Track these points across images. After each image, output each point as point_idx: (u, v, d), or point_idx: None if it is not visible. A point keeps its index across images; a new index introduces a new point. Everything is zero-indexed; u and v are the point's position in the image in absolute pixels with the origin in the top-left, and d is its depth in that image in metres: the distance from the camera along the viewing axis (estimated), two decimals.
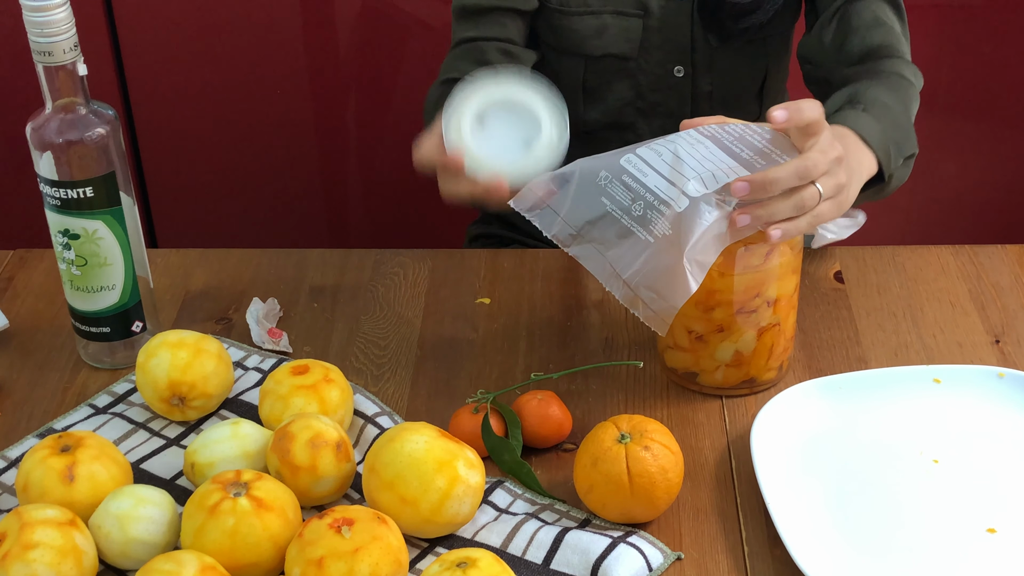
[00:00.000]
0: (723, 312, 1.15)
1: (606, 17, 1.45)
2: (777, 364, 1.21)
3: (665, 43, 1.46)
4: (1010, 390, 1.18)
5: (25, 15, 1.11)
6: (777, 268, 1.14)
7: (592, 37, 1.46)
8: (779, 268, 1.14)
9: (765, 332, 1.17)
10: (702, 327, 1.17)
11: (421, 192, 2.18)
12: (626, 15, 1.44)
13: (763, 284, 1.14)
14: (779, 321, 1.17)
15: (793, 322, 1.21)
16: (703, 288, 1.10)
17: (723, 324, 1.16)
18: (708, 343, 1.17)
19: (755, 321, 1.16)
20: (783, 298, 1.16)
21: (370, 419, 1.17)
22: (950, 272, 1.38)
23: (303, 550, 0.96)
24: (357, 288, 1.38)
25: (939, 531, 1.05)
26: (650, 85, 1.48)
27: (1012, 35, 2.05)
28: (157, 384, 1.16)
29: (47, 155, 1.16)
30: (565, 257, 1.41)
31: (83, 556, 0.98)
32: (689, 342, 1.18)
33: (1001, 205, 2.20)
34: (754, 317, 1.16)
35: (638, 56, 1.47)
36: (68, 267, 1.21)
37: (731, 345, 1.17)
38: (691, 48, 1.47)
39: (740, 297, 1.14)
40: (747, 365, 1.19)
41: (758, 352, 1.18)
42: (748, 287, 1.14)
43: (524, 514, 1.07)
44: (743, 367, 1.19)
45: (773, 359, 1.20)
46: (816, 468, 1.11)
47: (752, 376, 1.20)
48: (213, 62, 2.06)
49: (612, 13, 1.44)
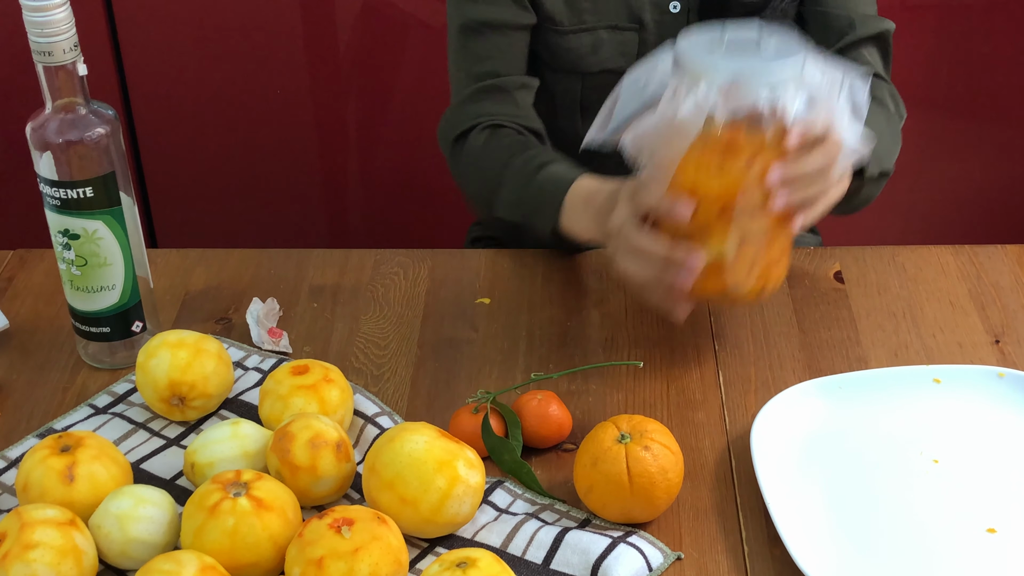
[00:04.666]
0: (706, 213, 1.12)
1: (601, 33, 1.44)
2: (759, 280, 1.16)
3: None
4: (1010, 390, 1.18)
5: (25, 15, 1.11)
6: (761, 175, 1.11)
7: (588, 54, 1.45)
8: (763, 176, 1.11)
9: (747, 240, 1.14)
10: (686, 228, 1.13)
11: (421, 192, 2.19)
12: (621, 30, 1.44)
13: (747, 188, 1.11)
14: (764, 232, 1.14)
15: (786, 238, 1.16)
16: (685, 186, 1.12)
17: (706, 225, 1.13)
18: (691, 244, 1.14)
19: (737, 227, 1.13)
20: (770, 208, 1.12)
21: (370, 419, 1.17)
22: (950, 272, 1.38)
23: (303, 550, 0.96)
24: (357, 288, 1.38)
25: (939, 531, 1.05)
26: None
27: (1012, 35, 2.05)
28: (157, 384, 1.16)
29: (47, 155, 1.16)
30: (565, 257, 1.42)
31: (83, 556, 0.98)
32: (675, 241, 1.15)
33: (1001, 205, 2.20)
34: (736, 223, 1.12)
35: None
36: (68, 267, 1.21)
37: (712, 249, 1.14)
38: None
39: (722, 198, 1.11)
40: (726, 273, 1.15)
41: (739, 261, 1.14)
42: (731, 188, 1.11)
43: (524, 514, 1.07)
44: (722, 275, 1.15)
45: (754, 273, 1.15)
46: (816, 468, 1.11)
47: (731, 286, 1.15)
48: (213, 62, 2.06)
49: (607, 28, 1.44)
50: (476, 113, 1.43)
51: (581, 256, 1.42)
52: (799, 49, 1.11)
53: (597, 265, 1.41)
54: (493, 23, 1.43)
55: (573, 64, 1.47)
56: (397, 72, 2.08)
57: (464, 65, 1.46)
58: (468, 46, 1.45)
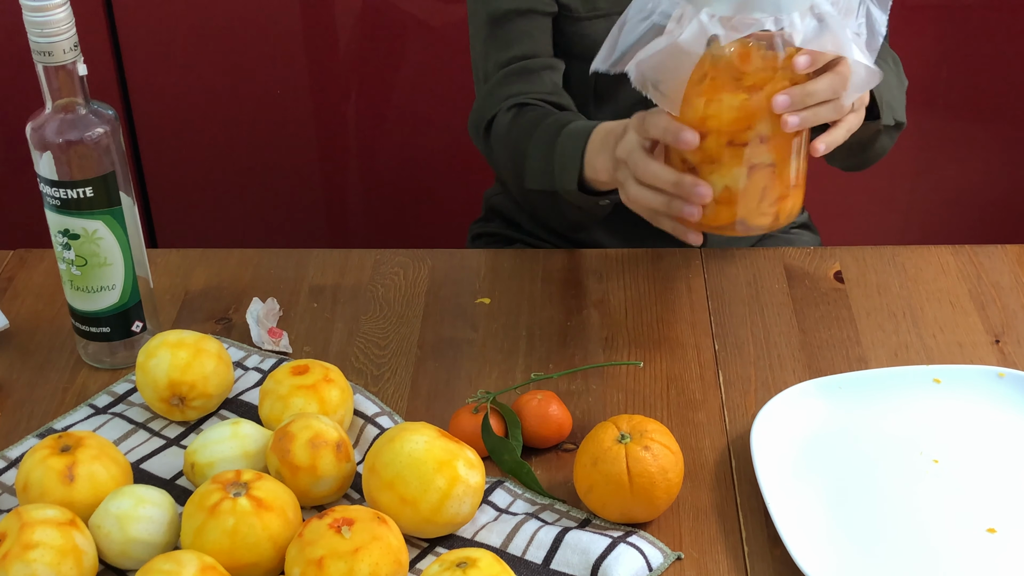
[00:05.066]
0: (714, 142, 1.10)
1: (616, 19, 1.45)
2: (771, 211, 1.14)
3: None
4: (1010, 390, 1.18)
5: (25, 15, 1.11)
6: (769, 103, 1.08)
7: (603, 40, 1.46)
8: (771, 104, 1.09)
9: (756, 170, 1.11)
10: (695, 156, 1.12)
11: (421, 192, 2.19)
12: None
13: (755, 116, 1.09)
14: (774, 162, 1.12)
15: (797, 168, 1.14)
16: (694, 114, 1.10)
17: (714, 155, 1.11)
18: (700, 175, 1.12)
19: (746, 156, 1.11)
20: (779, 137, 1.11)
21: (370, 419, 1.17)
22: (950, 272, 1.38)
23: (303, 550, 0.96)
24: (357, 288, 1.38)
25: (939, 531, 1.05)
26: None
27: (1012, 35, 2.05)
28: (157, 384, 1.16)
29: (47, 155, 1.16)
30: (565, 257, 1.42)
31: (83, 556, 0.98)
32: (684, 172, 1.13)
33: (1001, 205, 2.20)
34: (746, 152, 1.10)
35: None
36: (68, 267, 1.21)
37: (720, 180, 1.12)
38: None
39: (730, 127, 1.10)
40: (737, 204, 1.13)
41: (748, 191, 1.12)
42: (738, 117, 1.09)
43: (524, 514, 1.07)
44: (733, 206, 1.13)
45: (766, 203, 1.13)
46: (816, 468, 1.11)
47: (742, 217, 1.13)
48: (213, 62, 2.06)
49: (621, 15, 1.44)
50: (504, 95, 1.43)
51: (581, 256, 1.42)
52: None
53: (597, 265, 1.41)
54: (519, 9, 1.44)
55: (588, 51, 1.46)
56: (397, 72, 2.08)
57: (492, 55, 1.46)
58: (495, 35, 1.45)
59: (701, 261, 1.41)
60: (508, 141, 1.40)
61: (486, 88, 1.47)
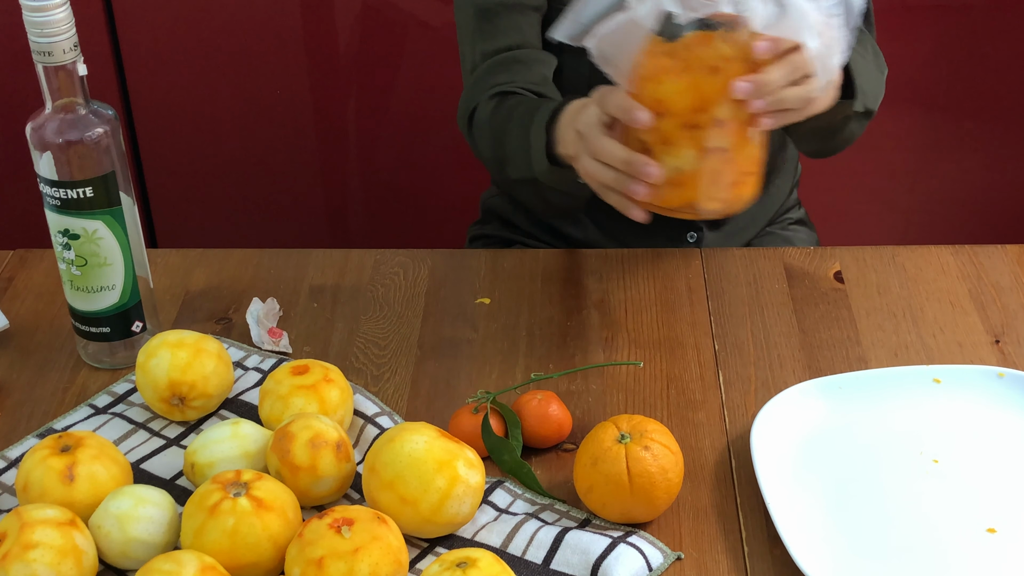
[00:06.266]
0: (669, 123, 1.09)
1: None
2: (723, 196, 1.12)
3: None
4: (1010, 390, 1.18)
5: (25, 15, 1.11)
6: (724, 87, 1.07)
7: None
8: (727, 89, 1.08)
9: (710, 154, 1.10)
10: (649, 136, 1.11)
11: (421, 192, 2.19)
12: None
13: (710, 100, 1.08)
14: (727, 147, 1.10)
15: (751, 155, 1.12)
16: (651, 94, 1.09)
17: (668, 136, 1.10)
18: (653, 155, 1.11)
19: (699, 139, 1.09)
20: (735, 123, 1.09)
21: (370, 419, 1.17)
22: (950, 272, 1.38)
23: (303, 550, 0.96)
24: (357, 288, 1.38)
25: (939, 531, 1.05)
26: None
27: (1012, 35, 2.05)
28: (157, 384, 1.16)
29: (47, 155, 1.16)
30: (565, 257, 1.42)
31: (83, 556, 0.98)
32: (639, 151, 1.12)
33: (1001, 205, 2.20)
34: (698, 135, 1.09)
35: None
36: (68, 267, 1.21)
37: (672, 161, 1.10)
38: None
39: (684, 109, 1.09)
40: (688, 187, 1.11)
41: (699, 174, 1.11)
42: (693, 99, 1.08)
43: (524, 514, 1.07)
44: (684, 188, 1.11)
45: (717, 187, 1.12)
46: (816, 468, 1.11)
47: (692, 201, 1.12)
48: (213, 62, 2.06)
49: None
50: (490, 84, 1.42)
51: (581, 256, 1.42)
52: None
53: (597, 265, 1.41)
54: (507, 3, 1.43)
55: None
56: (397, 72, 2.08)
57: (479, 46, 1.45)
58: (482, 28, 1.45)
59: (701, 261, 1.41)
60: (488, 130, 1.40)
61: (472, 78, 1.46)
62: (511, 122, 1.35)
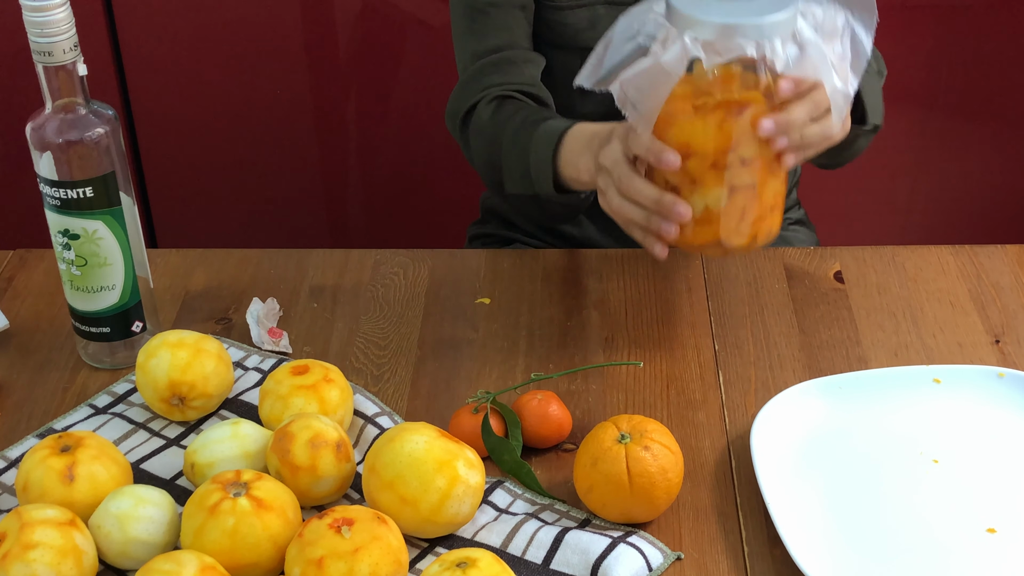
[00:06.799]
0: (697, 164, 1.13)
1: (598, 8, 1.46)
2: (749, 231, 1.16)
3: None
4: (1010, 390, 1.18)
5: (25, 15, 1.11)
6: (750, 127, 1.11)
7: (585, 29, 1.46)
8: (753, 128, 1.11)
9: (737, 192, 1.14)
10: (677, 176, 1.14)
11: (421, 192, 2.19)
12: (618, 4, 1.45)
13: (736, 140, 1.11)
14: (754, 183, 1.14)
15: (776, 190, 1.16)
16: (678, 136, 1.12)
17: (696, 176, 1.13)
18: (681, 194, 1.14)
19: (727, 178, 1.13)
20: (760, 160, 1.13)
21: (370, 419, 1.17)
22: (950, 272, 1.38)
23: (303, 550, 0.96)
24: (357, 288, 1.38)
25: (939, 531, 1.05)
26: None
27: (1012, 35, 2.05)
28: (157, 384, 1.16)
29: (47, 155, 1.16)
30: (565, 257, 1.42)
31: (83, 556, 0.98)
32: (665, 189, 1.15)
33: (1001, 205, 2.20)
34: (727, 174, 1.13)
35: None
36: (68, 267, 1.21)
37: (700, 200, 1.14)
38: None
39: (712, 149, 1.12)
40: (716, 224, 1.15)
41: (728, 212, 1.14)
42: (720, 140, 1.11)
43: (524, 514, 1.07)
44: (712, 225, 1.15)
45: (744, 223, 1.15)
46: (816, 468, 1.11)
47: (720, 237, 1.16)
48: (213, 62, 2.06)
49: (604, 4, 1.45)
50: (482, 86, 1.43)
51: (581, 256, 1.42)
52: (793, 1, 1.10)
53: (597, 265, 1.41)
54: (496, 2, 1.44)
55: (571, 40, 1.47)
56: (397, 72, 2.08)
57: (470, 45, 1.46)
58: (472, 27, 1.46)
59: (701, 261, 1.41)
60: (486, 138, 1.40)
61: (463, 78, 1.47)
62: (506, 139, 1.36)
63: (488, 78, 1.44)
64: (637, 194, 1.15)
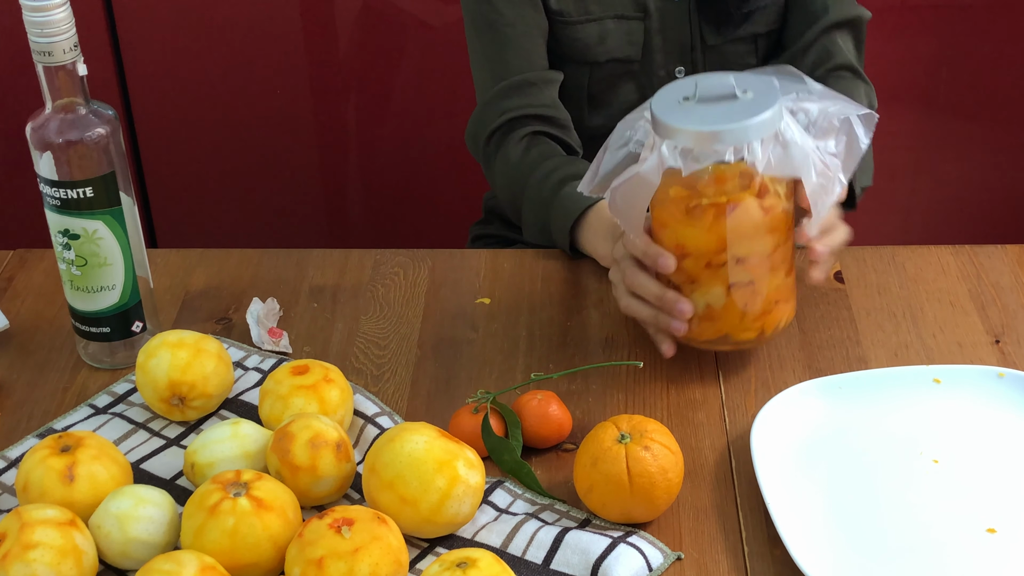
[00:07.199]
0: (693, 263, 1.16)
1: (608, 23, 1.47)
2: (756, 325, 1.19)
3: (666, 44, 1.48)
4: (1010, 390, 1.18)
5: (25, 15, 1.11)
6: (744, 227, 1.13)
7: (596, 44, 1.47)
8: (747, 227, 1.13)
9: (735, 289, 1.16)
10: (676, 276, 1.17)
11: (421, 192, 2.19)
12: (627, 19, 1.46)
13: (728, 240, 1.13)
14: (752, 280, 1.16)
15: (778, 285, 1.18)
16: (672, 238, 1.16)
17: (693, 275, 1.17)
18: (683, 292, 1.18)
19: (723, 277, 1.16)
20: (755, 257, 1.15)
21: (370, 419, 1.17)
22: (950, 272, 1.38)
23: (303, 550, 0.96)
24: (357, 288, 1.38)
25: (939, 531, 1.05)
26: (654, 87, 1.50)
27: (1012, 35, 2.05)
28: (157, 384, 1.16)
29: (47, 155, 1.16)
30: (565, 257, 1.42)
31: (83, 556, 0.98)
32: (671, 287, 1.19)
33: (1001, 205, 2.20)
34: (722, 272, 1.15)
35: (641, 58, 1.49)
36: (68, 267, 1.21)
37: (701, 298, 1.17)
38: (690, 47, 1.49)
39: (705, 250, 1.15)
40: (719, 320, 1.18)
41: (728, 309, 1.17)
42: (712, 240, 1.14)
43: (524, 514, 1.07)
44: (716, 322, 1.18)
45: (749, 319, 1.18)
46: (816, 467, 1.11)
47: (726, 333, 1.19)
48: (213, 62, 2.06)
49: (613, 18, 1.46)
50: (504, 108, 1.46)
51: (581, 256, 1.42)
52: (775, 101, 1.12)
53: (597, 265, 1.41)
54: (510, 23, 1.45)
55: (581, 54, 1.48)
56: (397, 72, 2.08)
57: (487, 65, 1.48)
58: (491, 47, 1.47)
59: None
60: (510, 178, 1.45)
61: (482, 101, 1.48)
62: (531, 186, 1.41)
63: (508, 101, 1.47)
64: (642, 290, 1.19)
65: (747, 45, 1.51)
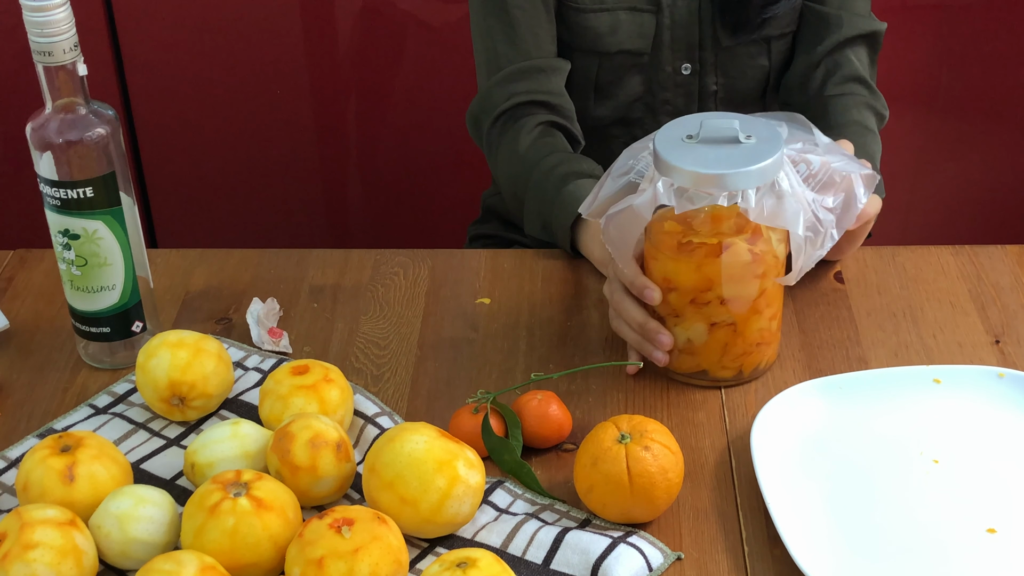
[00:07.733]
0: (678, 298, 1.17)
1: (620, 14, 1.47)
2: (734, 365, 1.20)
3: (675, 40, 1.48)
4: (1010, 390, 1.18)
5: (25, 15, 1.11)
6: (733, 269, 1.14)
7: (607, 34, 1.47)
8: (735, 270, 1.15)
9: (717, 328, 1.17)
10: (661, 308, 1.19)
11: (421, 192, 2.19)
12: (640, 11, 1.47)
13: (714, 280, 1.15)
14: (734, 321, 1.17)
15: (761, 328, 1.19)
16: (659, 272, 1.17)
17: (677, 310, 1.18)
18: (666, 324, 1.19)
19: (706, 314, 1.17)
20: (740, 300, 1.16)
21: (370, 419, 1.17)
22: (950, 272, 1.38)
23: (303, 550, 0.96)
24: (357, 288, 1.38)
25: (939, 531, 1.05)
26: (660, 82, 1.51)
27: (1012, 35, 2.05)
28: (157, 384, 1.16)
29: (47, 155, 1.16)
30: (565, 257, 1.42)
31: (83, 556, 0.98)
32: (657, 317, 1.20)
33: (1001, 205, 2.20)
34: (706, 310, 1.17)
35: (650, 52, 1.49)
36: (68, 267, 1.21)
37: (683, 332, 1.19)
38: (699, 46, 1.49)
39: (690, 287, 1.16)
40: (698, 356, 1.19)
41: (709, 346, 1.19)
42: (698, 279, 1.15)
43: (524, 514, 1.07)
44: (695, 357, 1.20)
45: (728, 358, 1.19)
46: (816, 468, 1.11)
47: (704, 369, 1.20)
48: (213, 62, 2.06)
49: (626, 9, 1.47)
50: (511, 92, 1.47)
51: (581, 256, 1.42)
52: (776, 150, 1.12)
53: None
54: (521, 5, 1.45)
55: (591, 44, 1.49)
56: (397, 72, 2.08)
57: (495, 47, 1.48)
58: (498, 29, 1.47)
59: None
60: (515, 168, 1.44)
61: (487, 84, 1.48)
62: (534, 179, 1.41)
63: (515, 85, 1.46)
64: (626, 315, 1.21)
65: (759, 47, 1.51)
